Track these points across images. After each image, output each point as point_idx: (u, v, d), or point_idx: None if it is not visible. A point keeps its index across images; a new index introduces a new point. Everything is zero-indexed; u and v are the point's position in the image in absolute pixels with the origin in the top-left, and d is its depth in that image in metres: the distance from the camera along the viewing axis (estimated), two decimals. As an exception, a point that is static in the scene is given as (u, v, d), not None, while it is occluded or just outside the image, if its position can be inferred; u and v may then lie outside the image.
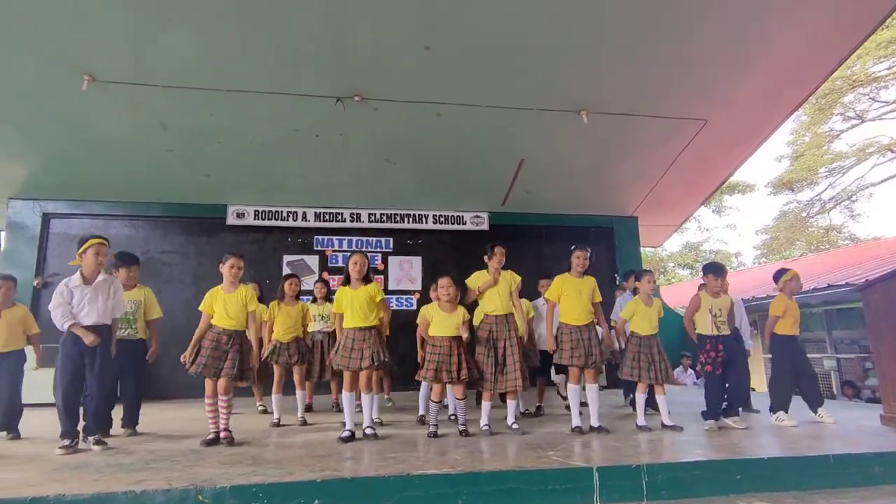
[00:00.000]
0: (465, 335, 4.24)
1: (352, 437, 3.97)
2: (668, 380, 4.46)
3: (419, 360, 4.81)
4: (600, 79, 5.74)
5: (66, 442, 3.65)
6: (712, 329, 4.50)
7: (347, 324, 4.20)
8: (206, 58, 5.22)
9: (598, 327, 4.48)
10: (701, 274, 4.89)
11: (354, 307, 4.16)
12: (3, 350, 4.43)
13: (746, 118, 6.60)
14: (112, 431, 4.34)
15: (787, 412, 4.58)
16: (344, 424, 4.10)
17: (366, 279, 4.27)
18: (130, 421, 4.54)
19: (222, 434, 3.95)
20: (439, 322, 4.27)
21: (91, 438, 3.80)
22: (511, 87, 5.77)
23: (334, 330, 5.47)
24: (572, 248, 4.62)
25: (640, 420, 4.39)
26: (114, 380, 4.28)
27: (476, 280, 4.48)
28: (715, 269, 4.60)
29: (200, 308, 4.10)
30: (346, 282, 4.27)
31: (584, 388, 4.45)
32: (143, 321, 4.63)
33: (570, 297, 4.44)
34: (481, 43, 5.11)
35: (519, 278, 4.54)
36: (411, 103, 5.94)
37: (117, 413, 4.48)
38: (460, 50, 5.21)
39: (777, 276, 4.97)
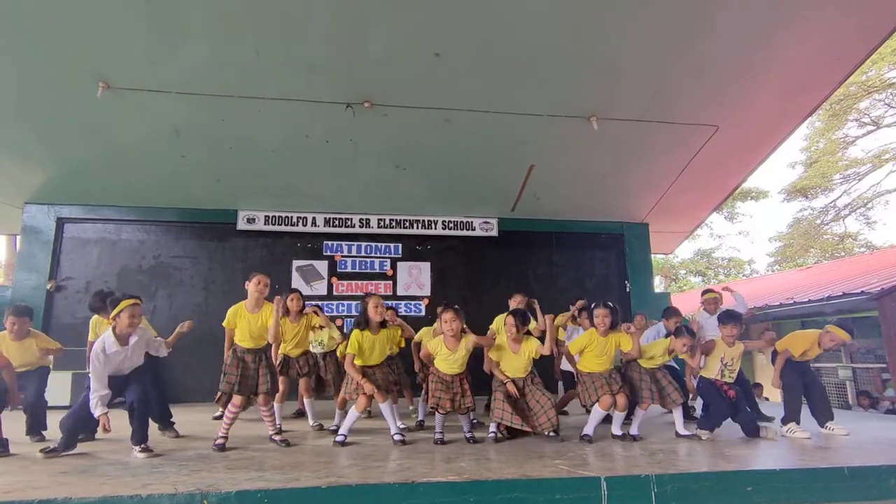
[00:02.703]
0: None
1: (345, 442, 4.05)
2: (678, 402, 4.46)
3: (416, 370, 5.07)
4: (611, 85, 5.71)
5: (51, 446, 3.68)
6: (718, 375, 4.50)
7: (365, 363, 4.23)
8: (218, 65, 5.27)
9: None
10: (718, 323, 4.73)
11: (375, 351, 4.22)
12: (24, 370, 4.45)
13: (759, 124, 6.53)
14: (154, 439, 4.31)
15: (798, 423, 4.51)
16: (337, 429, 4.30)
17: (382, 323, 4.29)
18: (166, 424, 4.61)
19: (278, 437, 4.11)
20: (443, 360, 4.29)
21: (138, 447, 3.76)
22: (521, 93, 5.76)
23: (332, 350, 5.48)
24: (593, 305, 4.52)
25: (633, 429, 4.38)
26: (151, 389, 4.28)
27: (496, 355, 4.45)
28: (735, 318, 4.58)
29: (224, 324, 4.14)
30: (365, 325, 4.21)
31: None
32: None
33: (591, 354, 4.45)
34: (491, 49, 5.11)
35: (540, 347, 4.35)
36: (421, 109, 5.96)
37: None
38: (470, 56, 5.21)
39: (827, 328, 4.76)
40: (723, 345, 4.52)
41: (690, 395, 5.15)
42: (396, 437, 4.08)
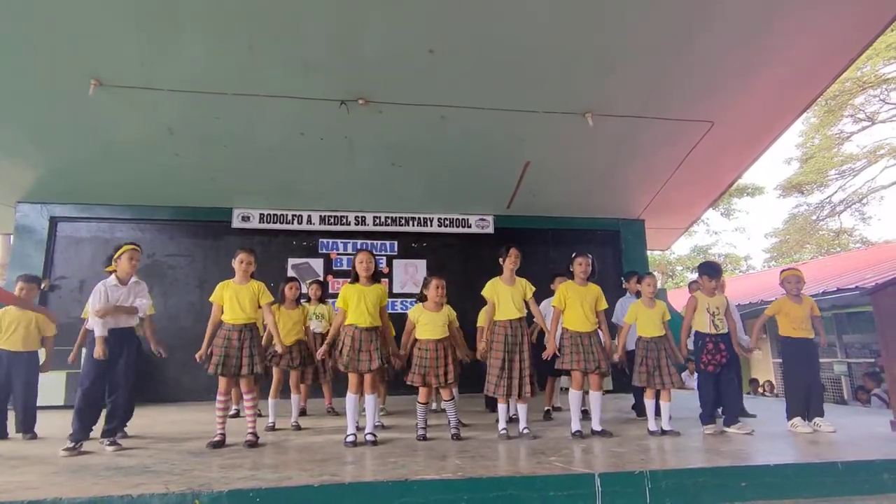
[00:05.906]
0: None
1: (356, 441, 3.95)
2: (675, 385, 4.41)
3: (402, 355, 4.62)
4: (606, 81, 5.70)
5: (71, 444, 3.67)
6: (710, 328, 4.54)
7: (352, 320, 4.04)
8: (212, 62, 5.23)
9: (600, 333, 4.46)
10: (696, 275, 4.98)
11: (366, 304, 4.04)
12: (20, 350, 4.62)
13: (754, 120, 6.53)
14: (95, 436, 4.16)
15: (804, 419, 4.49)
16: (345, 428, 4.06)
17: (374, 278, 4.21)
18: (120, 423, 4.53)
19: (247, 438, 3.93)
20: (426, 323, 4.28)
21: (106, 440, 3.85)
22: (516, 90, 5.74)
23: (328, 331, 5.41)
24: (573, 255, 4.62)
25: (651, 425, 4.34)
26: (136, 379, 4.31)
27: (490, 290, 4.41)
28: (710, 271, 4.72)
29: (211, 299, 4.08)
30: (355, 279, 4.17)
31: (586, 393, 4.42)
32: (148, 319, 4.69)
33: (573, 304, 4.43)
34: (486, 46, 5.09)
35: (533, 288, 4.44)
36: (416, 106, 5.93)
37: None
38: (465, 53, 5.18)
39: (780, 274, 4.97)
40: (703, 297, 4.64)
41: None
42: (368, 437, 3.94)
